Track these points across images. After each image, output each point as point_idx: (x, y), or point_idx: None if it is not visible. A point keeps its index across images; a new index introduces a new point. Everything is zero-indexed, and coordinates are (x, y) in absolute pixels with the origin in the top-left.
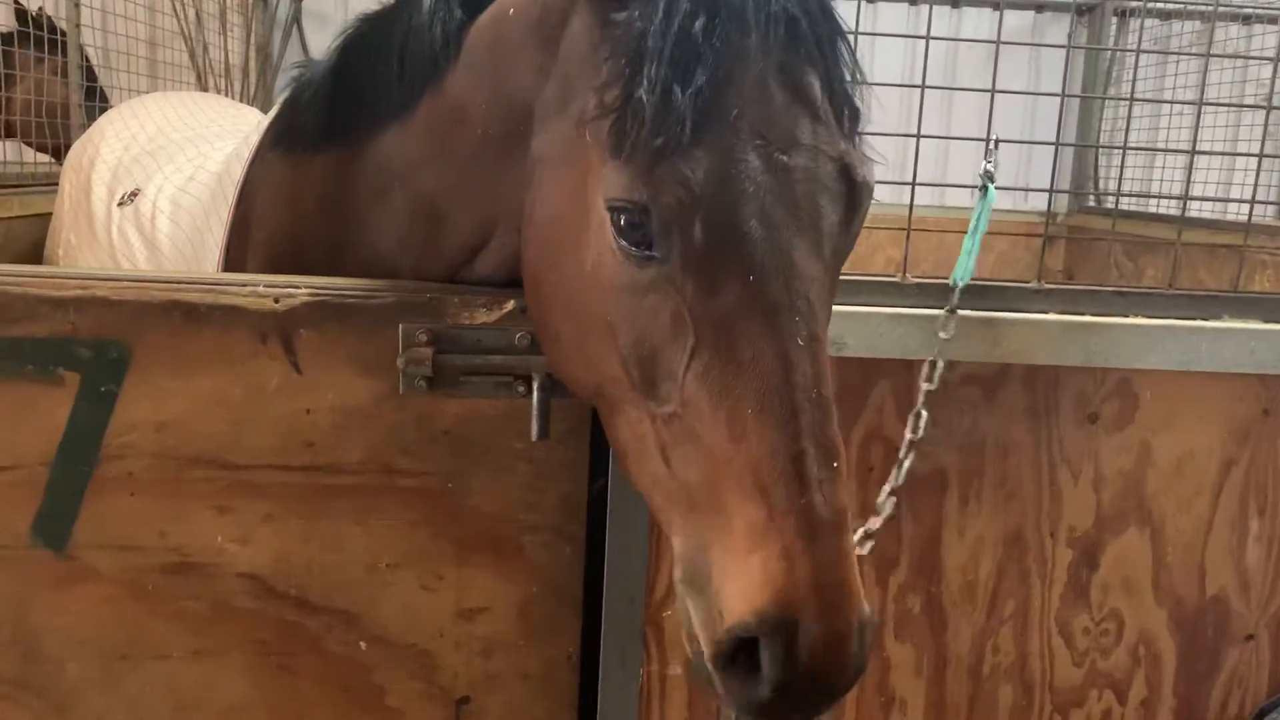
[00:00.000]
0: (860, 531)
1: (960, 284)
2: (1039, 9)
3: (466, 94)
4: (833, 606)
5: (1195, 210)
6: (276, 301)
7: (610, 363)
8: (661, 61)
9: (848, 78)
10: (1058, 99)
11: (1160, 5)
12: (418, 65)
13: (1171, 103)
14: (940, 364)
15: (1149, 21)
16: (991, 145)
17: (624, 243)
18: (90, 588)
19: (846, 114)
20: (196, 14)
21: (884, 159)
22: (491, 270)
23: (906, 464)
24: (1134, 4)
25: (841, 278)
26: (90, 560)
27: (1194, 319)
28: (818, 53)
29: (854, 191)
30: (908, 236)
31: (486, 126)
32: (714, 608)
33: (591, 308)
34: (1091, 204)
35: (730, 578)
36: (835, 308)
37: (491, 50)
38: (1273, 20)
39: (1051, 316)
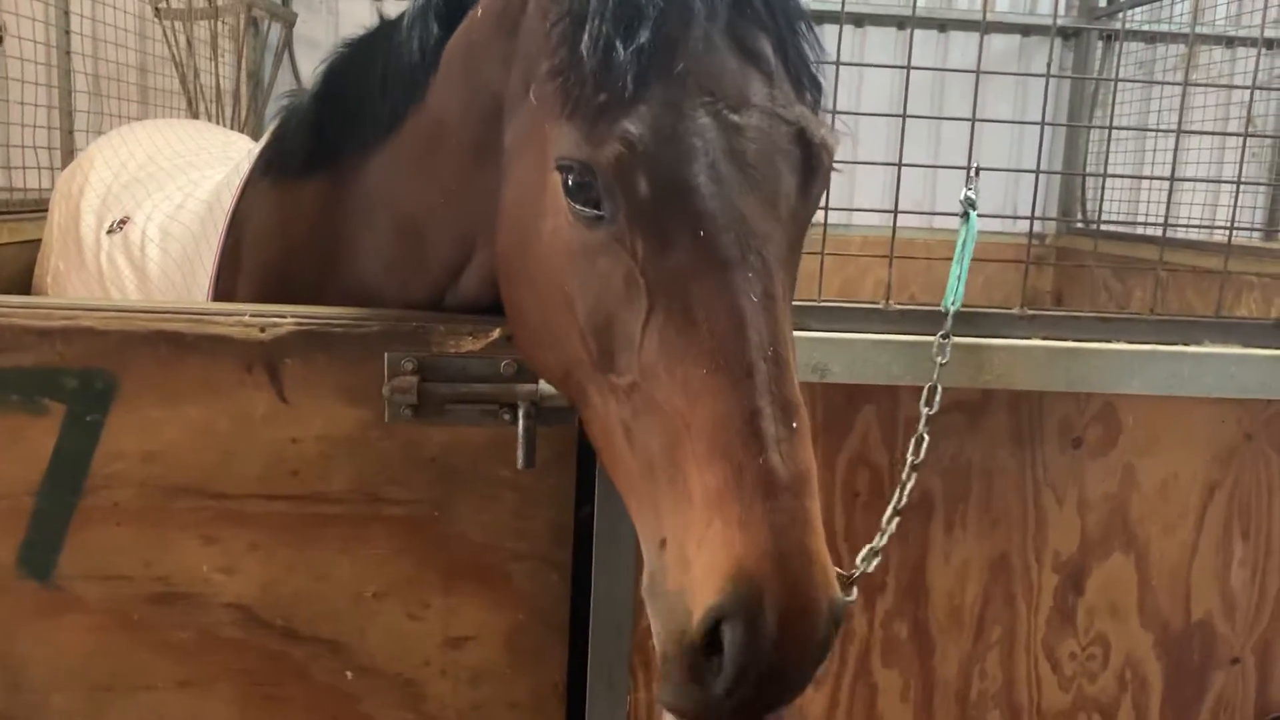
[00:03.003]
0: (865, 549)
1: (953, 309)
2: (1025, 32)
3: (444, 106)
4: (793, 575)
5: (1181, 231)
6: (263, 331)
7: (572, 339)
8: (604, 19)
9: (805, 48)
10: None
11: (1143, 29)
12: (399, 84)
13: (1151, 130)
14: (940, 389)
15: (1135, 45)
16: (973, 173)
17: (574, 204)
18: (76, 618)
19: (806, 83)
20: (188, 40)
21: (834, 162)
22: (476, 290)
23: (910, 484)
24: (1117, 28)
25: (826, 304)
26: (76, 590)
27: (1176, 344)
28: (770, 20)
29: (812, 155)
30: (891, 263)
31: (462, 135)
32: (678, 605)
33: (551, 280)
34: (1080, 225)
35: (691, 559)
36: (820, 335)
37: (464, 56)
38: (1254, 43)
39: (1035, 342)
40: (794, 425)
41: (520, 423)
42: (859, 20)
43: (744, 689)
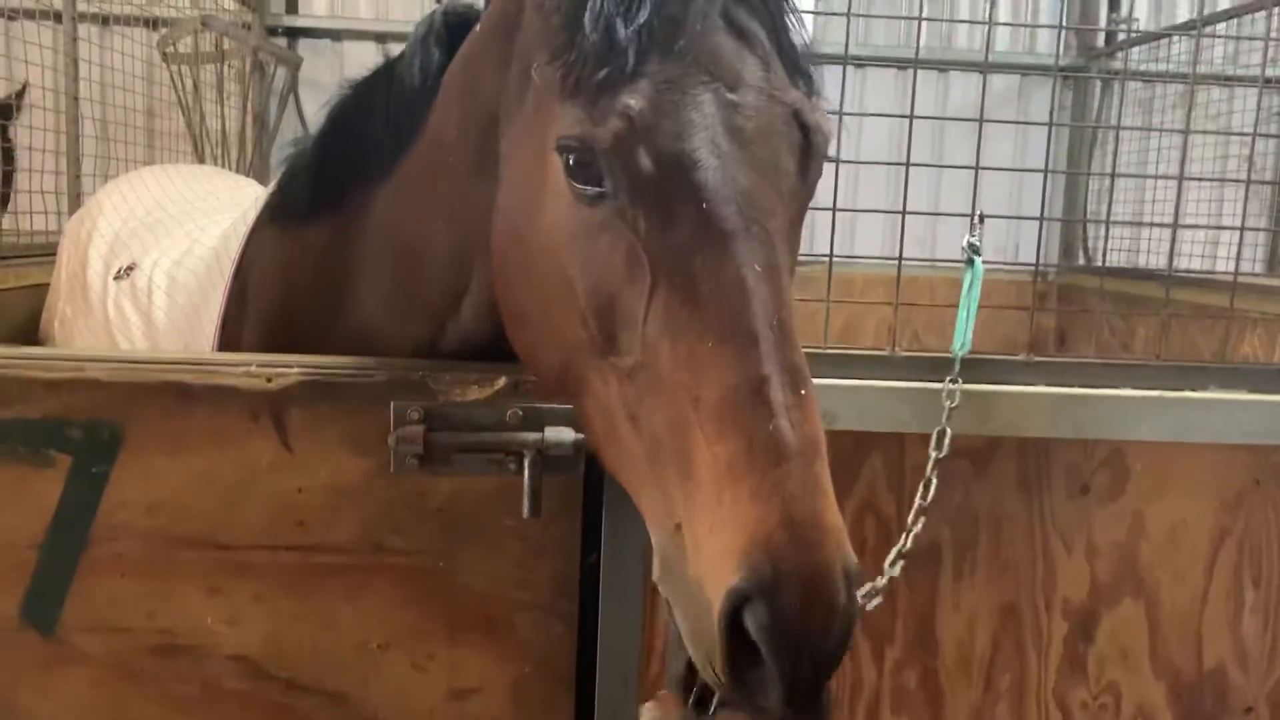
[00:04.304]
0: (867, 586)
1: (960, 354)
2: (1025, 71)
3: (443, 126)
4: (806, 543)
5: (1184, 267)
6: (269, 381)
7: (573, 326)
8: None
9: (796, 40)
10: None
11: (1142, 69)
12: (402, 114)
13: (1153, 177)
14: (949, 432)
15: (1134, 84)
16: (976, 220)
17: (575, 184)
18: (78, 670)
19: (798, 72)
20: (194, 84)
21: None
22: (475, 319)
23: (917, 528)
24: (1117, 67)
25: (832, 351)
26: (78, 642)
27: (1182, 390)
28: (764, 9)
29: (808, 136)
30: (895, 310)
31: (460, 152)
32: (698, 595)
33: (551, 267)
34: (1082, 262)
35: (703, 542)
36: (825, 382)
37: (463, 71)
38: (1253, 82)
39: (1041, 389)
40: (802, 392)
41: (526, 472)
42: (859, 62)
43: (787, 667)
